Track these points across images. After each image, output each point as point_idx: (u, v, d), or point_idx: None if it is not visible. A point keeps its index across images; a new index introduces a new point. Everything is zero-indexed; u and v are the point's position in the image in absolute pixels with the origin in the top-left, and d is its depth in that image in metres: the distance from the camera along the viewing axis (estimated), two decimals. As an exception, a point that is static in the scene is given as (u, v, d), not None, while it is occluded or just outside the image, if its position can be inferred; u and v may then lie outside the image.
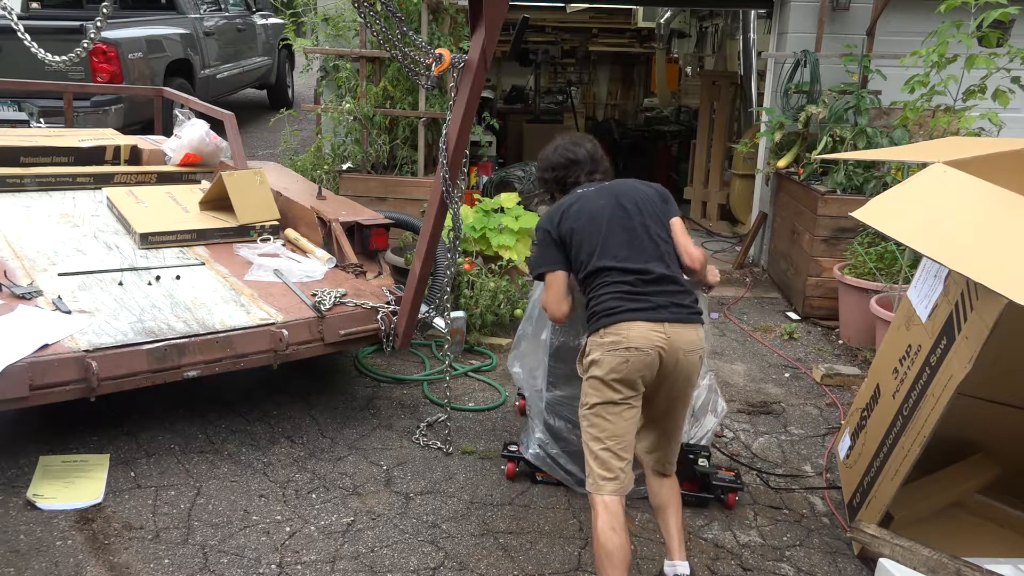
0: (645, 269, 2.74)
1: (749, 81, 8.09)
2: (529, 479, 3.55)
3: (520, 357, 3.61)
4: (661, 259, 2.79)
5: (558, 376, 3.42)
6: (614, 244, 2.78)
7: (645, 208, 2.88)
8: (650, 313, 2.68)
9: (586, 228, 2.83)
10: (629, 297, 2.71)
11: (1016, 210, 2.53)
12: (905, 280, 4.48)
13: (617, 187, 2.96)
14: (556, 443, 3.46)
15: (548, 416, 3.47)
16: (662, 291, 2.73)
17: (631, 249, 2.78)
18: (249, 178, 4.54)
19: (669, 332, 2.67)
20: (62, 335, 3.24)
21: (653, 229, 2.84)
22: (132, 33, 7.71)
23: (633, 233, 2.81)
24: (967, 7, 4.77)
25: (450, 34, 6.15)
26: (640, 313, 2.67)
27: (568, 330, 3.31)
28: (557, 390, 3.45)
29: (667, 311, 2.69)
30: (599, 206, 2.86)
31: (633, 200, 2.89)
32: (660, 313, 2.68)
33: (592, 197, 2.92)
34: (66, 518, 3.09)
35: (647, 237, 2.81)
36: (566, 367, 3.30)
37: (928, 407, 2.93)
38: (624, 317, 2.67)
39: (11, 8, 4.37)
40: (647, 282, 2.73)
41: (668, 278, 2.76)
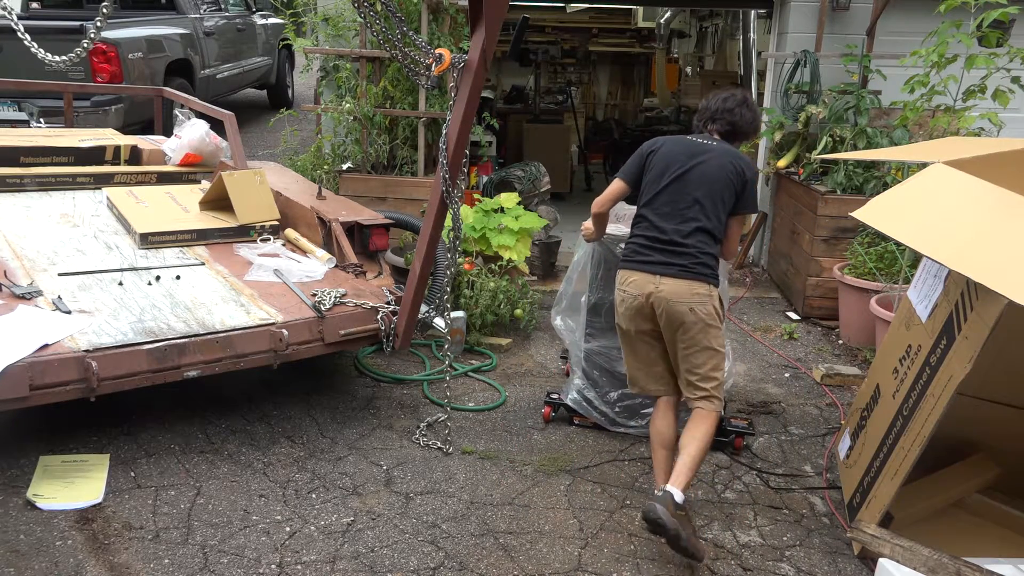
0: (665, 229, 3.20)
1: (749, 81, 8.10)
2: (566, 423, 4.06)
3: (562, 312, 4.13)
4: (687, 224, 3.19)
5: (595, 329, 3.99)
6: (662, 199, 3.24)
7: (714, 185, 3.21)
8: (647, 267, 3.20)
9: (660, 168, 3.28)
10: (641, 248, 3.24)
11: (1016, 210, 2.53)
12: (905, 280, 4.48)
13: (711, 153, 3.27)
14: (592, 388, 3.98)
15: (586, 365, 3.99)
16: (668, 251, 3.18)
17: (671, 208, 3.22)
18: (249, 178, 4.54)
19: (660, 284, 3.15)
20: (62, 335, 3.24)
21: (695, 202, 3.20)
22: (132, 33, 7.71)
23: (679, 197, 3.21)
24: (967, 7, 4.77)
25: (450, 34, 6.15)
26: (642, 265, 3.22)
27: (604, 288, 3.87)
28: (594, 341, 4.00)
29: (662, 267, 3.17)
30: (678, 160, 3.26)
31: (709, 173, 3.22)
32: (655, 268, 3.18)
33: (680, 148, 3.31)
34: (66, 518, 3.09)
35: (690, 205, 3.20)
36: (601, 321, 3.94)
37: (928, 407, 2.93)
38: (629, 266, 3.27)
39: (11, 8, 4.37)
40: (661, 241, 3.20)
41: (677, 243, 3.18)
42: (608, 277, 3.85)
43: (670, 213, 3.21)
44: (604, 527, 3.27)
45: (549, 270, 6.14)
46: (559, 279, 5.93)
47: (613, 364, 3.95)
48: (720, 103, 3.40)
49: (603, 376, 3.97)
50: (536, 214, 5.42)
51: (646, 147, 3.40)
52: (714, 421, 3.20)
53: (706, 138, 3.36)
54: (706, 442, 3.14)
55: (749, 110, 3.39)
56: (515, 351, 4.94)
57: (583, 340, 4.01)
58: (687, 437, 3.15)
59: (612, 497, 3.48)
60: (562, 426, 4.06)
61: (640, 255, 3.23)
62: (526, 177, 6.49)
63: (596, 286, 3.92)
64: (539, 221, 5.33)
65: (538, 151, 8.65)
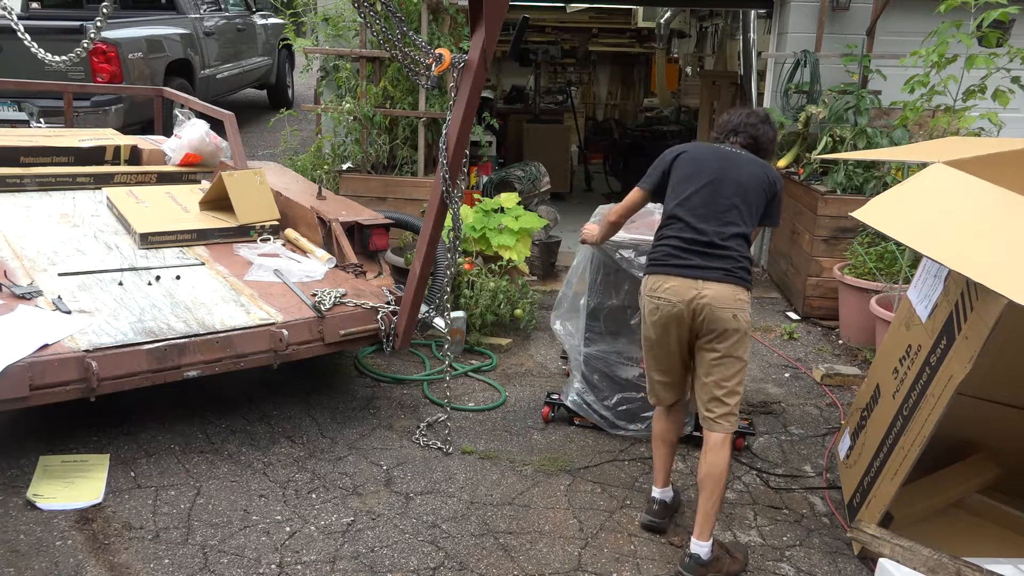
0: (704, 231, 3.01)
1: (749, 81, 8.09)
2: (566, 423, 4.06)
3: (561, 316, 4.10)
4: (722, 229, 3.02)
5: (594, 333, 3.97)
6: (697, 200, 3.06)
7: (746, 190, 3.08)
8: (687, 271, 2.98)
9: (691, 173, 3.12)
10: (676, 251, 3.03)
11: (1016, 210, 2.53)
12: (905, 280, 4.48)
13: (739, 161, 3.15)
14: (592, 391, 3.99)
15: (585, 369, 3.98)
16: (705, 252, 2.99)
17: (710, 209, 3.04)
18: (249, 178, 4.54)
19: (703, 289, 2.95)
20: (62, 335, 3.24)
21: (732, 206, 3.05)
22: (132, 33, 7.71)
23: (714, 200, 3.05)
24: (967, 7, 4.77)
25: (450, 34, 6.15)
26: (679, 269, 3.00)
27: (603, 292, 3.88)
28: (593, 346, 3.98)
29: (702, 270, 2.97)
30: (711, 165, 3.12)
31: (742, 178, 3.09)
32: (695, 272, 2.97)
33: (710, 153, 3.20)
34: (66, 518, 3.09)
35: (723, 207, 3.04)
36: (600, 325, 3.94)
37: (928, 407, 2.93)
38: (664, 271, 3.03)
39: (11, 8, 4.37)
40: (701, 243, 3.00)
41: (716, 245, 3.00)
42: (607, 282, 3.87)
43: (707, 215, 3.03)
44: (604, 527, 3.27)
45: (549, 270, 6.14)
46: (559, 279, 5.94)
47: (612, 369, 3.95)
48: (743, 118, 3.30)
49: (603, 381, 3.97)
50: (536, 214, 5.42)
51: (670, 153, 3.27)
52: (730, 447, 3.02)
53: (732, 147, 3.23)
54: (726, 477, 2.98)
55: (771, 128, 3.32)
56: (515, 351, 4.94)
57: (582, 344, 4.00)
58: (707, 472, 2.96)
59: (612, 497, 3.48)
60: (562, 426, 4.06)
61: (677, 258, 3.01)
62: (526, 177, 6.49)
63: (595, 291, 3.91)
64: (539, 221, 5.32)
65: (538, 151, 8.65)
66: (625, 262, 3.77)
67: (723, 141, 3.28)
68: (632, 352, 3.92)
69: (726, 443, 3.01)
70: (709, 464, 2.98)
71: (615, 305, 3.89)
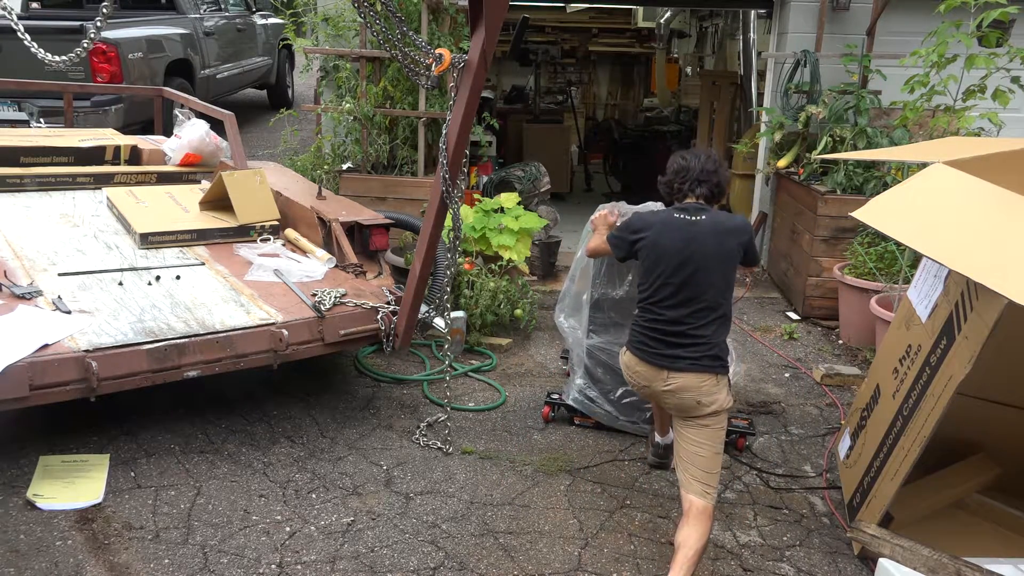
0: (673, 319, 3.01)
1: (749, 81, 8.09)
2: (567, 423, 4.07)
3: (564, 310, 4.12)
4: (699, 315, 2.99)
5: (598, 325, 3.98)
6: (667, 291, 3.02)
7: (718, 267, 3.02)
8: (655, 358, 3.04)
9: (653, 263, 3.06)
10: (648, 337, 3.06)
11: (1016, 210, 2.53)
12: (905, 280, 4.48)
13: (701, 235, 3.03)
14: (595, 385, 3.98)
15: (588, 361, 3.98)
16: (675, 343, 3.00)
17: (678, 298, 3.01)
18: (249, 178, 4.54)
19: (666, 377, 3.01)
20: (62, 335, 3.24)
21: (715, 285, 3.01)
22: (132, 33, 7.71)
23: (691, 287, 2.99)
24: (967, 7, 4.77)
25: (450, 34, 6.14)
26: (649, 356, 3.05)
27: (607, 283, 3.89)
28: (597, 337, 3.98)
29: (669, 359, 3.00)
30: (677, 251, 3.01)
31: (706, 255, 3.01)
32: (662, 361, 3.02)
33: (674, 236, 3.04)
34: (66, 518, 3.09)
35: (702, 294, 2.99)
36: (604, 316, 3.95)
37: (928, 407, 2.93)
38: (637, 354, 3.10)
39: (11, 8, 4.37)
40: (669, 333, 3.02)
41: (687, 335, 2.99)
42: (611, 272, 3.89)
43: (679, 304, 3.00)
44: (604, 527, 3.27)
45: (549, 270, 6.14)
46: (559, 279, 5.94)
47: (615, 360, 3.92)
48: (703, 164, 3.14)
49: (606, 373, 3.96)
50: (536, 214, 5.42)
51: (628, 232, 3.18)
52: (712, 517, 2.90)
53: (691, 212, 3.08)
54: (704, 548, 2.84)
55: (724, 170, 3.24)
56: (515, 351, 4.94)
57: (586, 336, 4.01)
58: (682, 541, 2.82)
59: (612, 497, 3.48)
60: (562, 426, 4.06)
61: (647, 347, 3.06)
62: (526, 177, 6.49)
63: (599, 282, 3.92)
64: (539, 221, 5.32)
65: (538, 151, 8.65)
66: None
67: (687, 194, 3.13)
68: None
69: (707, 512, 2.88)
70: (685, 535, 2.84)
71: (619, 296, 3.90)
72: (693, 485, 2.94)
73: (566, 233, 6.53)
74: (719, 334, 3.03)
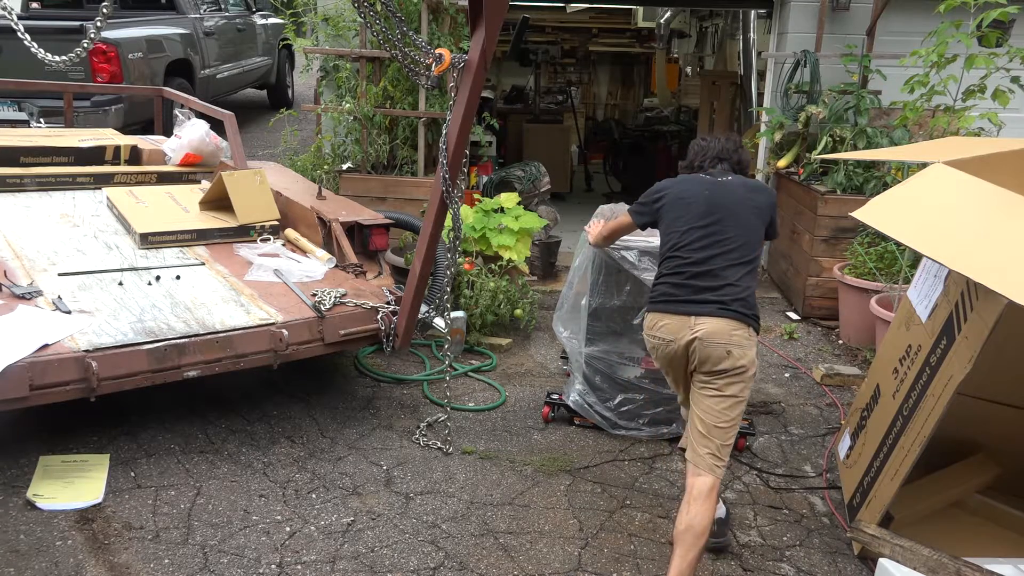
0: (703, 260, 2.91)
1: (749, 81, 8.09)
2: (566, 423, 4.07)
3: (562, 319, 4.12)
4: (725, 256, 2.92)
5: (595, 334, 3.97)
6: (695, 236, 2.95)
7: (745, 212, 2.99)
8: (681, 306, 2.90)
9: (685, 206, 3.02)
10: (677, 287, 2.94)
11: (1016, 210, 2.53)
12: (905, 280, 4.48)
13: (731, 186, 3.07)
14: (593, 392, 3.99)
15: (587, 369, 3.98)
16: (703, 287, 2.89)
17: (710, 242, 2.93)
18: (249, 178, 4.54)
19: (693, 324, 2.86)
20: (62, 335, 3.24)
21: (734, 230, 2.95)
22: (132, 33, 7.71)
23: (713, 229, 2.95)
24: (967, 7, 4.77)
25: (450, 34, 6.14)
26: (674, 306, 2.92)
27: (604, 293, 3.88)
28: (595, 346, 3.97)
29: (696, 305, 2.88)
30: (703, 195, 3.02)
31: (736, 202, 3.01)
32: (688, 307, 2.89)
33: (698, 185, 3.08)
34: (66, 518, 3.09)
35: (724, 235, 2.94)
36: (602, 325, 3.94)
37: (928, 407, 2.93)
38: (660, 307, 2.97)
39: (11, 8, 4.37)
40: (697, 275, 2.91)
41: (716, 275, 2.90)
42: (609, 282, 3.89)
43: (707, 246, 2.93)
44: (604, 527, 3.27)
45: (549, 270, 6.13)
46: (559, 279, 5.94)
47: (614, 369, 3.95)
48: (723, 144, 3.21)
49: (604, 381, 3.97)
50: (536, 214, 5.42)
51: (657, 191, 3.16)
52: (717, 496, 2.83)
53: (719, 174, 3.13)
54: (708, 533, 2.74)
55: (746, 152, 3.28)
56: (515, 351, 4.94)
57: (583, 345, 4.00)
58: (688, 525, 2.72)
59: (612, 497, 3.48)
60: (562, 426, 4.06)
61: (673, 296, 2.93)
62: (526, 177, 6.49)
63: (597, 291, 3.91)
64: (539, 221, 5.32)
65: (538, 151, 8.65)
66: (627, 263, 3.77)
67: (706, 170, 3.17)
68: (634, 352, 3.92)
69: (714, 489, 2.79)
70: (692, 515, 2.72)
71: (617, 305, 3.90)
72: (705, 459, 2.82)
73: (566, 233, 6.53)
74: (748, 280, 2.91)
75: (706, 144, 3.23)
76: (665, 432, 3.93)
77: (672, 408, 3.92)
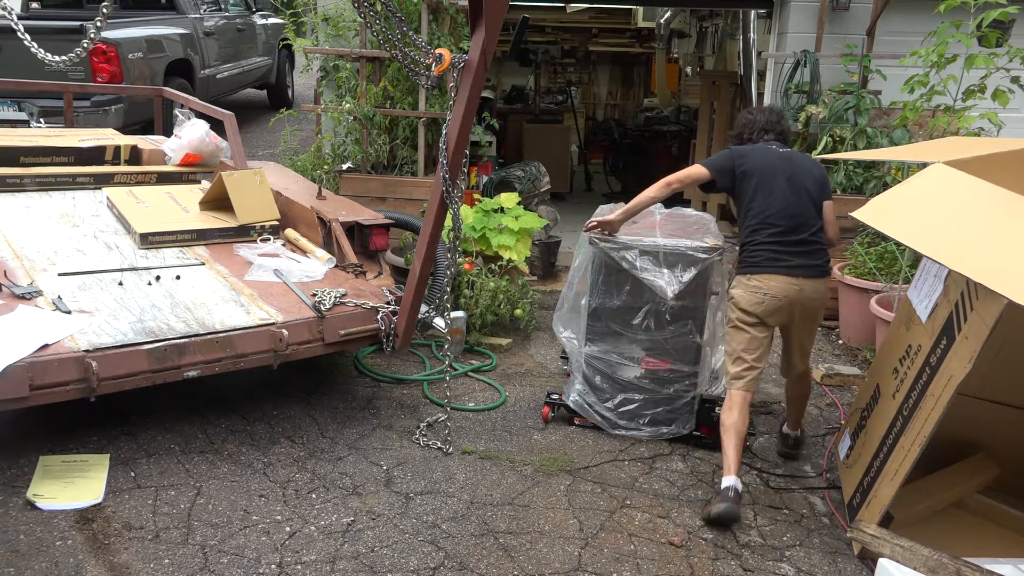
0: (794, 229, 3.46)
1: (749, 81, 8.08)
2: (566, 423, 4.07)
3: (562, 319, 4.11)
4: (807, 225, 3.48)
5: (595, 334, 3.98)
6: (777, 206, 3.48)
7: (808, 183, 3.53)
8: (788, 269, 3.44)
9: (763, 179, 3.52)
10: (776, 253, 3.45)
11: (1016, 210, 2.53)
12: (905, 280, 4.48)
13: (793, 158, 3.63)
14: (593, 392, 4.00)
15: (587, 369, 3.99)
16: (802, 252, 3.46)
17: (791, 210, 3.47)
18: (249, 178, 4.54)
19: (800, 284, 3.44)
20: (62, 335, 3.24)
21: (807, 201, 3.51)
22: (132, 33, 7.71)
23: (798, 201, 3.49)
24: (967, 7, 4.77)
25: (450, 34, 6.14)
26: (782, 269, 3.45)
27: (604, 293, 3.89)
28: (594, 346, 3.98)
29: (801, 269, 3.45)
30: (776, 167, 3.53)
31: (803, 175, 3.54)
32: (795, 270, 3.44)
33: (773, 157, 3.58)
34: (66, 518, 3.09)
35: (803, 206, 3.49)
36: (602, 326, 3.95)
37: (928, 407, 2.93)
38: (768, 270, 3.46)
39: (11, 8, 4.37)
40: (793, 243, 3.45)
41: (808, 242, 3.47)
42: (608, 282, 3.88)
43: (794, 215, 3.46)
44: (604, 527, 3.27)
45: (549, 270, 6.13)
46: (559, 279, 5.94)
47: (614, 370, 3.95)
48: (767, 116, 3.73)
49: (604, 381, 3.98)
50: (536, 214, 5.42)
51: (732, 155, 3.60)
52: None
53: (776, 145, 3.65)
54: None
55: (787, 122, 3.81)
56: (515, 351, 4.94)
57: (583, 345, 4.01)
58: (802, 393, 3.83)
59: (612, 497, 3.48)
60: (562, 426, 4.06)
61: (778, 259, 3.44)
62: (526, 177, 6.49)
63: (597, 291, 3.92)
64: (539, 221, 5.33)
65: (538, 151, 8.65)
66: (627, 263, 3.77)
67: (757, 141, 3.66)
68: (633, 352, 3.92)
69: (809, 372, 3.83)
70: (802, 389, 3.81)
71: (617, 305, 3.90)
72: (799, 364, 3.70)
73: (566, 233, 6.53)
74: (824, 241, 3.52)
75: (752, 117, 3.73)
76: (665, 432, 3.93)
77: (672, 408, 3.92)
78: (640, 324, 3.88)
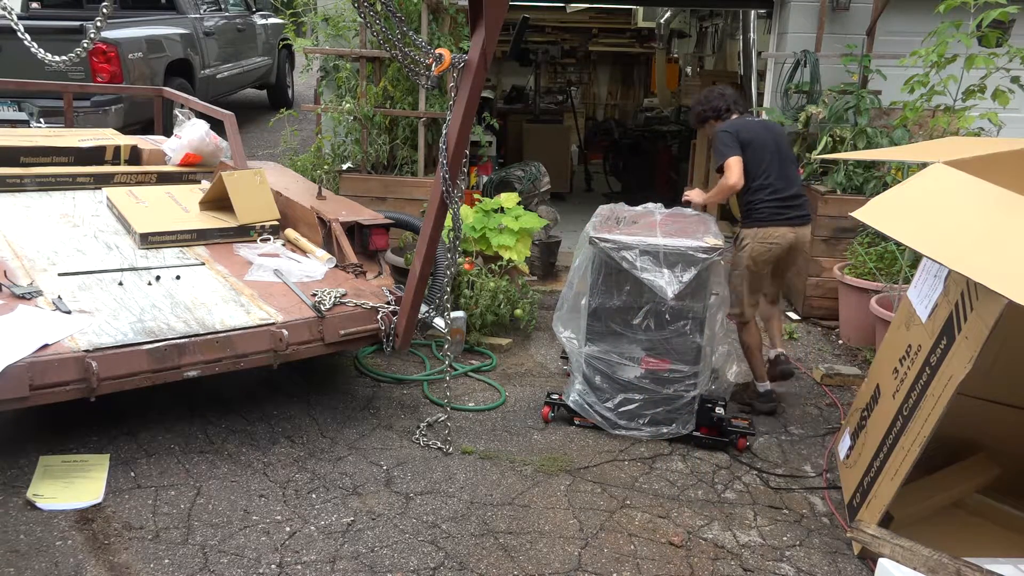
0: (786, 187, 4.15)
1: (749, 81, 8.08)
2: (566, 423, 4.09)
3: (562, 319, 4.15)
4: (794, 182, 4.20)
5: (595, 334, 3.99)
6: (774, 169, 4.13)
7: (786, 146, 4.27)
8: (788, 220, 4.13)
9: (757, 149, 4.13)
10: (778, 209, 4.12)
11: (1016, 210, 2.53)
12: (905, 280, 4.48)
13: (772, 127, 4.37)
14: (593, 392, 4.02)
15: (587, 369, 4.00)
16: (795, 205, 4.15)
17: (781, 171, 4.14)
18: (249, 178, 4.54)
19: (797, 231, 4.16)
20: (62, 335, 3.24)
21: (790, 162, 4.23)
22: (132, 33, 7.71)
23: (783, 163, 4.17)
24: (967, 7, 4.77)
25: (450, 34, 6.14)
26: (783, 221, 4.12)
27: (604, 293, 3.91)
28: (594, 346, 3.98)
29: (797, 219, 4.16)
30: (764, 137, 4.17)
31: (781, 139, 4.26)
32: (793, 221, 4.14)
33: (758, 128, 4.24)
34: (66, 518, 3.09)
35: (788, 166, 4.20)
36: (602, 325, 3.96)
37: (928, 407, 2.93)
38: (775, 222, 4.12)
39: (11, 8, 4.37)
40: (788, 198, 4.14)
41: (798, 195, 4.19)
42: (608, 282, 3.87)
43: (785, 175, 4.14)
44: (604, 527, 3.27)
45: (549, 270, 6.13)
46: (559, 279, 5.94)
47: (614, 370, 3.94)
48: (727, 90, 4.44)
49: (604, 381, 3.97)
50: (536, 214, 5.42)
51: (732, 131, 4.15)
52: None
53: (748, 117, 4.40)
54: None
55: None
56: (515, 351, 4.94)
57: (583, 345, 4.01)
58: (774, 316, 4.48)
59: (612, 497, 3.48)
60: (562, 426, 4.06)
61: (780, 213, 4.11)
62: (526, 177, 6.48)
63: (597, 291, 3.92)
64: (539, 221, 5.33)
65: (538, 151, 8.64)
66: (627, 263, 3.77)
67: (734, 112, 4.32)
68: (633, 352, 3.92)
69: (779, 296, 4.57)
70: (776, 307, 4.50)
71: (617, 305, 3.89)
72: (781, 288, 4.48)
73: (566, 233, 6.53)
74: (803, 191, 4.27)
75: (723, 94, 4.40)
76: (665, 432, 3.93)
77: (672, 408, 3.92)
78: (640, 324, 3.88)
